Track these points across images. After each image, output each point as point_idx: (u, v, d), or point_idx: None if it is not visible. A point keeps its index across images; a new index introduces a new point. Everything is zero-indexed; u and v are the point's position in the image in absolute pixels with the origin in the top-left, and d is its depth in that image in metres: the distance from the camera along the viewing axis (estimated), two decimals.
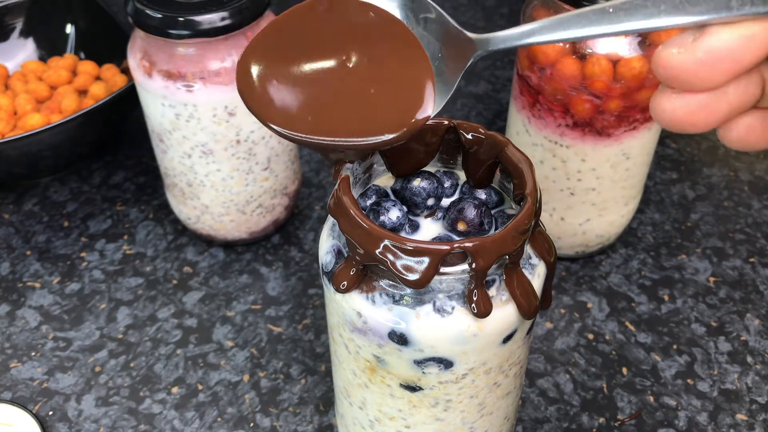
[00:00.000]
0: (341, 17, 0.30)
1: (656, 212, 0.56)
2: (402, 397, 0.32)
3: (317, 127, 0.29)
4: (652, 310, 0.49)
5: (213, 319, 0.49)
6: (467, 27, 0.77)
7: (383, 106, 0.29)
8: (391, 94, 0.29)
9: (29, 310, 0.50)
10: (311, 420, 0.43)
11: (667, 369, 0.46)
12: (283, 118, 0.29)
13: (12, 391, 0.45)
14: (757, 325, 0.48)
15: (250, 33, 0.44)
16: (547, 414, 0.43)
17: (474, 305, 0.28)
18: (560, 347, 0.47)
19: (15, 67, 0.62)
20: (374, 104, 0.29)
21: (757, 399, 0.44)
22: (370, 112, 0.29)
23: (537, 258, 0.31)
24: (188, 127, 0.45)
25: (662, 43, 0.24)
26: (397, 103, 0.29)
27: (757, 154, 0.61)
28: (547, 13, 0.43)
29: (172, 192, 0.52)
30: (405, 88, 0.29)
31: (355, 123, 0.29)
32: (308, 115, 0.29)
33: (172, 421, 0.43)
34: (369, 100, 0.29)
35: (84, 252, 0.53)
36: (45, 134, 0.50)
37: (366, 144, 0.29)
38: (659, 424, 0.43)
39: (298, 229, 0.55)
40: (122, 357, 0.47)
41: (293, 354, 0.47)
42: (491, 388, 0.32)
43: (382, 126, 0.29)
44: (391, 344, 0.29)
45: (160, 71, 0.44)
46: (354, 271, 0.29)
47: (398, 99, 0.29)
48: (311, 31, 0.30)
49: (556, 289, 0.50)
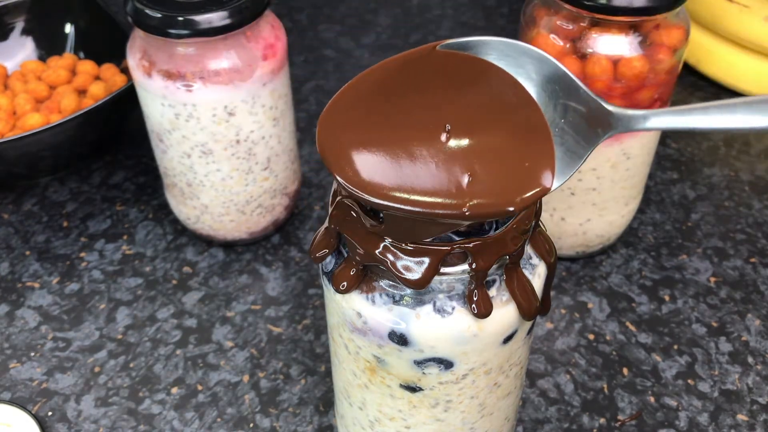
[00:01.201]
0: (443, 70, 0.27)
1: (657, 212, 0.56)
2: (402, 397, 0.31)
3: (421, 198, 0.25)
4: (652, 311, 0.49)
5: (213, 320, 0.49)
6: (467, 27, 0.78)
7: (494, 175, 0.26)
8: (503, 163, 0.26)
9: (28, 311, 0.49)
10: (311, 420, 0.43)
11: (667, 369, 0.45)
12: (381, 187, 0.25)
13: (11, 392, 0.45)
14: (758, 325, 0.48)
15: (250, 32, 0.44)
16: (548, 414, 0.43)
17: (474, 305, 0.28)
18: (561, 347, 0.47)
19: (14, 67, 0.62)
20: (483, 173, 0.26)
21: (758, 399, 0.44)
22: (479, 181, 0.26)
23: (537, 258, 0.31)
24: (188, 127, 0.45)
25: (664, 44, 0.24)
26: (510, 173, 0.26)
27: (758, 154, 0.61)
28: (547, 13, 0.43)
29: (171, 192, 0.51)
30: (519, 156, 0.26)
31: (464, 193, 0.25)
32: (411, 184, 0.25)
33: (171, 422, 0.43)
34: (477, 168, 0.26)
35: (83, 252, 0.53)
36: (44, 134, 0.50)
37: (474, 215, 0.25)
38: (660, 424, 0.43)
39: (298, 229, 0.55)
40: (122, 357, 0.47)
41: (293, 354, 0.47)
42: (491, 388, 0.32)
43: (492, 197, 0.25)
44: (391, 344, 0.29)
45: (160, 71, 0.43)
46: (354, 271, 0.29)
47: (510, 168, 0.26)
48: (411, 85, 0.27)
49: (557, 289, 0.50)
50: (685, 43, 0.42)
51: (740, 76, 0.65)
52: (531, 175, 0.26)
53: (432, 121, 0.27)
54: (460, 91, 0.28)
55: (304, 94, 0.67)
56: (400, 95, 0.27)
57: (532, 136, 0.27)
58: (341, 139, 0.26)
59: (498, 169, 0.26)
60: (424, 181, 0.26)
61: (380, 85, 0.28)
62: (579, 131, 0.27)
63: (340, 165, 0.26)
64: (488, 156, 0.26)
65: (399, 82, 0.28)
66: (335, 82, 0.69)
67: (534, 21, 0.43)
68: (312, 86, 0.68)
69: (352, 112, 0.27)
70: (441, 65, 0.28)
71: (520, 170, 0.26)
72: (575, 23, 0.42)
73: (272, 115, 0.47)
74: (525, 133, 0.27)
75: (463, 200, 0.25)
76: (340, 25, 0.76)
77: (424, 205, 0.25)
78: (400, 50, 0.73)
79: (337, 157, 0.26)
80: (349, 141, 0.26)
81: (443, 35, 0.74)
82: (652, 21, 0.41)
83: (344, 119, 0.27)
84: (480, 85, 0.28)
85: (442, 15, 0.78)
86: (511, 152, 0.27)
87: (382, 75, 0.28)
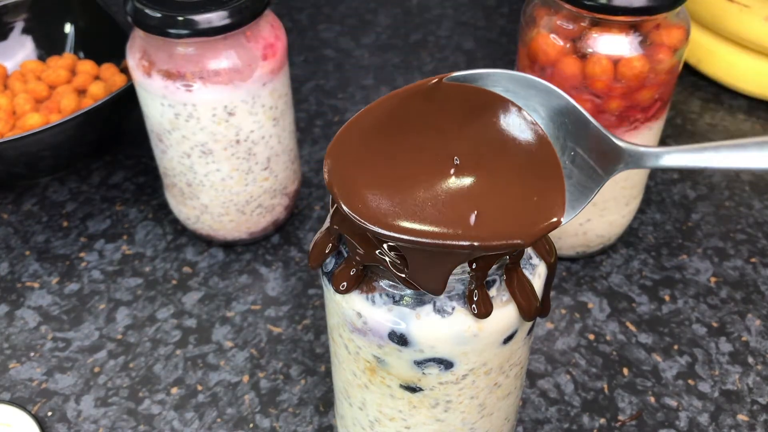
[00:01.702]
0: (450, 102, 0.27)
1: (657, 212, 0.56)
2: (402, 397, 0.31)
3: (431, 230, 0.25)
4: (653, 311, 0.49)
5: (212, 320, 0.49)
6: (467, 27, 0.78)
7: (503, 209, 0.26)
8: (513, 196, 0.26)
9: (28, 311, 0.49)
10: (311, 421, 0.43)
11: (668, 369, 0.45)
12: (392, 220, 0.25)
13: (11, 392, 0.45)
14: (759, 325, 0.48)
15: (250, 32, 0.44)
16: (548, 415, 0.43)
17: (474, 306, 0.28)
18: (561, 348, 0.47)
19: (14, 67, 0.62)
20: (493, 206, 0.26)
21: (759, 399, 0.44)
22: (489, 215, 0.26)
23: (537, 258, 0.31)
24: (187, 127, 0.45)
25: (664, 44, 0.24)
26: (520, 206, 0.26)
27: None
28: (547, 12, 0.43)
29: (171, 192, 0.51)
30: (529, 189, 0.26)
31: (474, 226, 0.25)
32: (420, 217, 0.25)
33: (171, 422, 0.43)
34: (487, 201, 0.26)
35: (83, 252, 0.53)
36: (44, 134, 0.49)
37: (484, 248, 0.25)
38: (660, 424, 0.43)
39: (298, 229, 0.55)
40: (121, 357, 0.46)
41: (293, 354, 0.47)
42: (492, 388, 0.32)
43: (502, 231, 0.25)
44: (391, 345, 0.29)
45: (160, 71, 0.43)
46: (354, 271, 0.29)
47: (521, 202, 0.26)
48: (418, 118, 0.27)
49: (557, 289, 0.50)
50: (685, 43, 0.42)
51: (740, 76, 0.65)
52: (541, 209, 0.26)
53: (440, 155, 0.27)
54: (469, 124, 0.28)
55: (304, 94, 0.67)
56: (407, 129, 0.28)
57: (542, 170, 0.27)
58: (350, 175, 0.26)
59: (508, 202, 0.26)
60: (434, 214, 0.26)
61: (388, 117, 0.28)
62: (588, 166, 0.27)
63: (351, 201, 0.26)
64: (498, 189, 0.27)
65: (406, 115, 0.28)
66: (335, 82, 0.69)
67: (534, 21, 0.43)
68: (312, 86, 0.68)
69: (359, 147, 0.27)
70: (448, 97, 0.28)
71: (530, 204, 0.26)
72: (575, 23, 0.42)
73: (272, 115, 0.47)
74: (535, 166, 0.27)
75: (473, 233, 0.25)
76: (340, 25, 0.76)
77: (433, 236, 0.25)
78: (400, 50, 0.73)
79: (348, 193, 0.26)
80: (357, 176, 0.26)
81: (443, 35, 0.75)
82: (652, 21, 0.41)
83: (352, 154, 0.27)
84: (488, 117, 0.28)
85: (442, 15, 0.78)
86: (522, 186, 0.27)
87: (389, 107, 0.28)
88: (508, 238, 0.25)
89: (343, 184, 0.26)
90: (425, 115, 0.28)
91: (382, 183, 0.26)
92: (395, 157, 0.27)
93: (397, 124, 0.28)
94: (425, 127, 0.28)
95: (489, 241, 0.25)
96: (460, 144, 0.27)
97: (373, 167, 0.27)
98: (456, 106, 0.28)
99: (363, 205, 0.26)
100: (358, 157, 0.27)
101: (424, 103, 0.28)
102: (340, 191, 0.26)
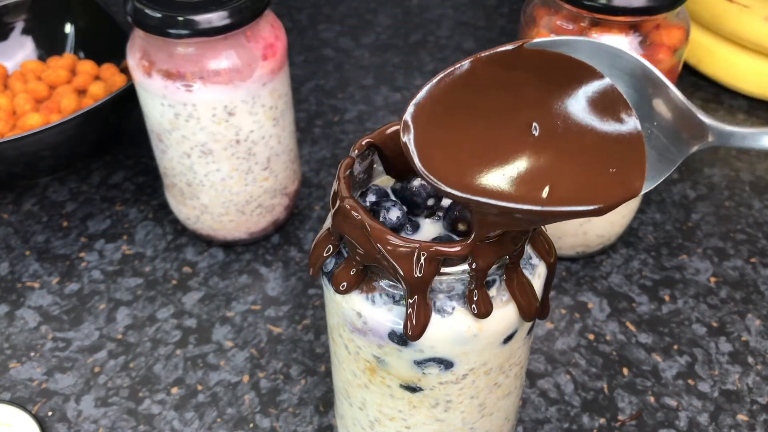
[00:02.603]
0: (533, 67, 0.27)
1: (657, 212, 0.56)
2: (402, 397, 0.31)
3: (511, 192, 0.26)
4: (652, 311, 0.49)
5: (212, 320, 0.49)
6: (467, 27, 0.78)
7: (581, 176, 0.26)
8: (594, 161, 0.26)
9: (28, 311, 0.49)
10: (311, 421, 0.43)
11: (667, 369, 0.45)
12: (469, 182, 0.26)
13: (11, 392, 0.45)
14: (758, 325, 0.48)
15: (250, 32, 0.44)
16: (548, 414, 0.43)
17: (474, 306, 0.28)
18: (561, 348, 0.47)
19: (14, 67, 0.62)
20: (570, 174, 0.26)
21: (758, 399, 0.44)
22: (565, 182, 0.26)
23: (537, 258, 0.31)
24: (187, 127, 0.45)
25: (664, 44, 0.24)
26: (598, 174, 0.26)
27: (758, 154, 0.61)
28: (547, 12, 0.43)
29: (171, 192, 0.51)
30: (610, 156, 0.26)
31: (549, 194, 0.26)
32: (494, 180, 0.26)
33: (171, 422, 0.43)
34: (565, 169, 0.26)
35: (83, 252, 0.53)
36: (44, 134, 0.49)
37: (558, 214, 0.26)
38: (660, 424, 0.43)
39: (298, 230, 0.55)
40: (121, 357, 0.47)
41: (293, 354, 0.47)
42: (492, 388, 0.32)
43: (580, 196, 0.26)
44: (391, 345, 0.29)
45: (160, 71, 0.43)
46: (354, 271, 0.29)
47: (599, 170, 0.26)
48: (500, 83, 0.27)
49: (557, 289, 0.50)
50: (685, 43, 0.42)
51: (740, 76, 0.65)
52: (621, 178, 0.26)
53: (520, 122, 0.27)
54: (549, 91, 0.27)
55: (304, 94, 0.67)
56: (487, 94, 0.27)
57: (624, 138, 0.27)
58: (426, 137, 0.27)
59: (585, 171, 0.26)
60: (509, 179, 0.26)
61: (467, 82, 0.28)
62: (671, 136, 0.26)
63: (427, 161, 0.26)
64: (576, 159, 0.26)
65: (486, 80, 0.28)
66: (335, 82, 0.69)
67: (534, 21, 0.43)
68: (312, 86, 0.68)
69: (437, 110, 0.27)
70: (530, 63, 0.27)
71: (607, 174, 0.26)
72: (575, 23, 0.42)
73: (272, 115, 0.47)
74: (616, 135, 0.27)
75: (546, 200, 0.26)
76: (340, 25, 0.76)
77: (506, 198, 0.26)
78: (400, 50, 0.73)
79: (424, 155, 0.26)
80: (434, 139, 0.27)
81: (443, 35, 0.75)
82: (652, 21, 0.41)
83: (429, 117, 0.27)
84: (570, 84, 0.27)
85: (442, 15, 0.78)
86: (601, 154, 0.26)
87: (469, 71, 0.28)
88: (584, 203, 0.25)
89: (418, 146, 0.26)
90: (505, 81, 0.27)
91: (458, 148, 0.27)
92: (473, 124, 0.27)
93: (477, 88, 0.27)
94: (505, 92, 0.27)
95: (562, 205, 0.25)
96: (540, 111, 0.27)
97: (449, 132, 0.27)
98: (537, 73, 0.27)
99: (437, 167, 0.26)
100: (436, 121, 0.27)
101: (504, 69, 0.28)
102: (416, 151, 0.26)
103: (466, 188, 0.26)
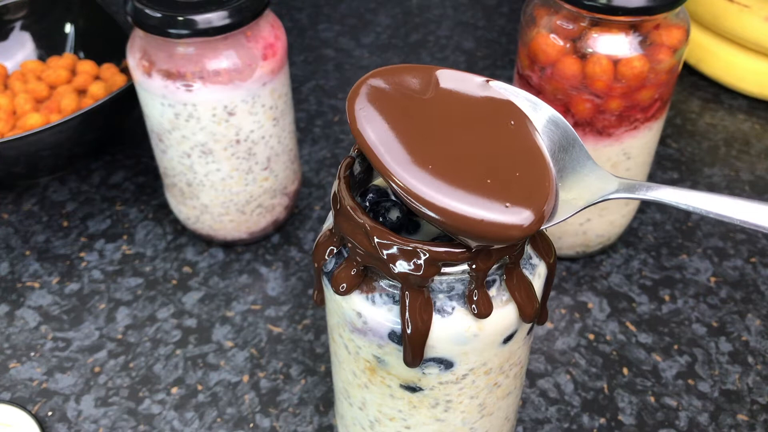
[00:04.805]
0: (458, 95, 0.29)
1: (657, 212, 0.56)
2: (402, 397, 0.31)
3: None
4: (652, 311, 0.49)
5: (212, 320, 0.49)
6: (467, 27, 0.77)
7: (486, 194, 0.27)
8: (498, 187, 0.27)
9: (28, 311, 0.49)
10: (311, 420, 0.43)
11: (667, 369, 0.45)
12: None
13: (11, 392, 0.45)
14: (758, 325, 0.48)
15: (250, 32, 0.44)
16: (548, 414, 0.43)
17: (474, 306, 0.28)
18: (561, 347, 0.47)
19: (14, 67, 0.62)
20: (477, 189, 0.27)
21: (758, 399, 0.44)
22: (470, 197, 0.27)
23: (537, 258, 0.31)
24: (187, 127, 0.45)
25: (664, 44, 0.24)
26: (499, 198, 0.27)
27: (758, 154, 0.61)
28: (547, 12, 0.43)
29: (171, 192, 0.51)
30: (524, 183, 0.27)
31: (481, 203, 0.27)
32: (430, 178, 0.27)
33: (171, 422, 0.43)
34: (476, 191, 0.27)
35: (83, 252, 0.53)
36: (44, 134, 0.49)
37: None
38: (660, 424, 0.43)
39: (298, 229, 0.55)
40: (122, 357, 0.47)
41: (293, 354, 0.47)
42: (491, 388, 0.32)
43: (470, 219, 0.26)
44: (391, 345, 0.29)
45: (160, 71, 0.43)
46: (354, 271, 0.29)
47: (501, 196, 0.27)
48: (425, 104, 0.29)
49: (557, 289, 0.50)
50: (685, 43, 0.42)
51: (740, 76, 0.65)
52: (516, 211, 0.27)
53: (453, 134, 0.28)
54: (484, 118, 0.29)
55: (304, 94, 0.67)
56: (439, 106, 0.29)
57: (535, 172, 0.28)
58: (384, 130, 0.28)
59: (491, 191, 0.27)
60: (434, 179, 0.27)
61: (400, 86, 0.29)
62: (581, 185, 0.28)
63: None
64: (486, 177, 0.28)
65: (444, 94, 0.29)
66: (335, 82, 0.69)
67: (534, 20, 0.43)
68: (312, 86, 0.68)
69: (381, 101, 0.29)
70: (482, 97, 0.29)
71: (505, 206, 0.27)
72: (575, 23, 0.42)
73: (272, 114, 0.47)
74: (526, 165, 0.28)
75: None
76: (340, 25, 0.76)
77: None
78: (400, 50, 0.73)
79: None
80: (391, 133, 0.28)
81: (443, 35, 0.75)
82: (652, 21, 0.41)
83: (376, 104, 0.29)
84: (502, 120, 0.29)
85: (442, 15, 0.78)
86: (509, 183, 0.28)
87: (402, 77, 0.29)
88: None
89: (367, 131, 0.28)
90: (458, 101, 0.29)
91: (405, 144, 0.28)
92: (417, 124, 0.28)
93: (430, 99, 0.29)
94: (455, 109, 0.29)
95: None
96: (462, 138, 0.28)
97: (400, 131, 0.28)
98: (483, 106, 0.29)
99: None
100: (389, 113, 0.28)
101: (461, 91, 0.29)
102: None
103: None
